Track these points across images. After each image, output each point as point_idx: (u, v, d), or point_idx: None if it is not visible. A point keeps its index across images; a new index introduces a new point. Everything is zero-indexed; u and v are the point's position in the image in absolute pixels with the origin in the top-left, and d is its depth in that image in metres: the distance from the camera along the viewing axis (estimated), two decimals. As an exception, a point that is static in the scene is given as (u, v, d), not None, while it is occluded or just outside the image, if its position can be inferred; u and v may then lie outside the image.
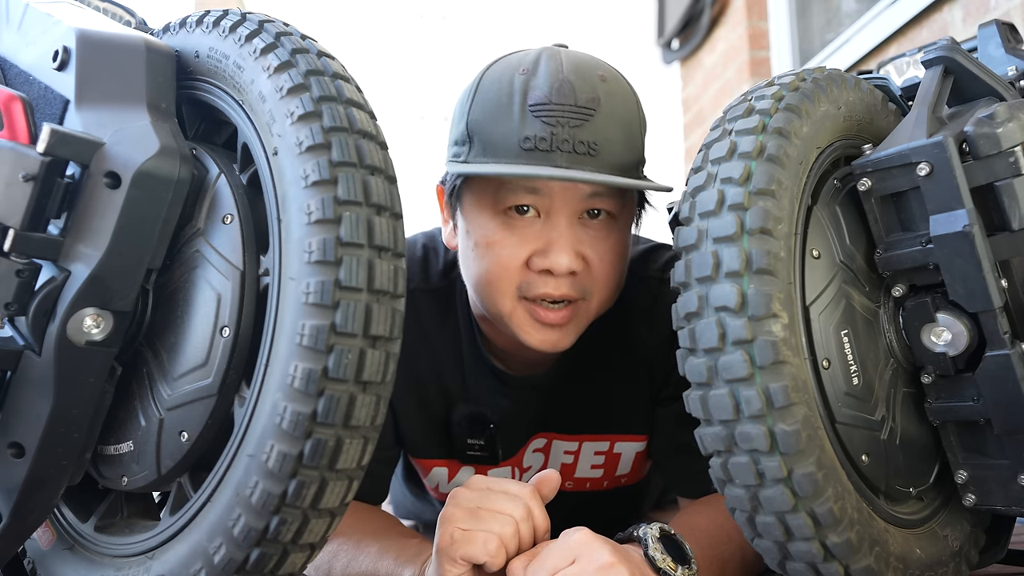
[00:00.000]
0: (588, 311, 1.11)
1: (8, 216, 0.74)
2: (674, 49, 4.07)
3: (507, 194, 1.06)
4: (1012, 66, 1.03)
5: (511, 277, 1.08)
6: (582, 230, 1.07)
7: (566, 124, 1.02)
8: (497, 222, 1.07)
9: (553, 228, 1.06)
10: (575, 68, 1.06)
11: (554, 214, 1.06)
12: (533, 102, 1.03)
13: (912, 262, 0.89)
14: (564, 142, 1.02)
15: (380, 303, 0.72)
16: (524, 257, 1.07)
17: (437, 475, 1.34)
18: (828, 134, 0.91)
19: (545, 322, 1.09)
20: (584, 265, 1.07)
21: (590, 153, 1.03)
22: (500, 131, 1.05)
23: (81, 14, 0.87)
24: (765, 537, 0.81)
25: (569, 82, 1.04)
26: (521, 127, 1.03)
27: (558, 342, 1.10)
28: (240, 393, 0.77)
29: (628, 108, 1.08)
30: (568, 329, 1.10)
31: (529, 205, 1.06)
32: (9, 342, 0.77)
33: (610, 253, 1.09)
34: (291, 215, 0.73)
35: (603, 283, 1.10)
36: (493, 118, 1.06)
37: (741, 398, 0.78)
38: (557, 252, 1.05)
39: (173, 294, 0.81)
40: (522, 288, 1.08)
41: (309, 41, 0.81)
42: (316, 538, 0.74)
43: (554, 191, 1.05)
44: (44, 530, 0.89)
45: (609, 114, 1.05)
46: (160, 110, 0.80)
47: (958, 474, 0.91)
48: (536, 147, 1.02)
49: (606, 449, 1.32)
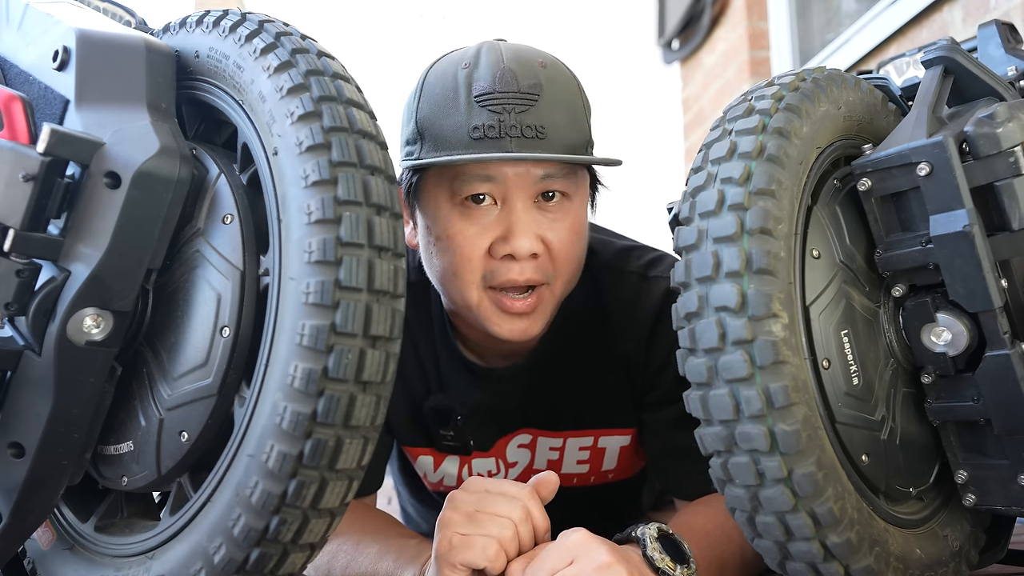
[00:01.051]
0: (553, 295, 1.13)
1: (8, 216, 0.74)
2: (674, 49, 4.07)
3: (462, 185, 1.08)
4: (1012, 66, 1.03)
5: (474, 267, 1.09)
6: (539, 213, 1.09)
7: (512, 111, 1.06)
8: (455, 214, 1.09)
9: (511, 213, 1.08)
10: (515, 57, 1.09)
11: (510, 200, 1.08)
12: (478, 93, 1.06)
13: (912, 262, 0.89)
14: (512, 128, 1.05)
15: (380, 303, 0.72)
16: (485, 246, 1.09)
17: (424, 463, 1.36)
18: (828, 134, 0.91)
19: (512, 311, 1.10)
20: (544, 248, 1.09)
21: (538, 136, 1.06)
22: (449, 124, 1.07)
23: (81, 14, 0.87)
24: (765, 537, 0.81)
25: (511, 70, 1.07)
26: (468, 118, 1.06)
27: (527, 330, 1.12)
28: (240, 393, 0.77)
29: (570, 91, 1.12)
30: (535, 316, 1.12)
31: (485, 194, 1.08)
32: (9, 342, 0.77)
33: (568, 233, 1.11)
34: (291, 215, 0.73)
35: (564, 264, 1.12)
36: (441, 113, 1.08)
37: (741, 398, 0.78)
38: (518, 236, 1.07)
39: (173, 294, 0.81)
40: (487, 277, 1.10)
41: (309, 41, 0.81)
42: (316, 538, 0.74)
43: (508, 177, 1.07)
44: (44, 530, 0.89)
45: (552, 98, 1.08)
46: (160, 110, 0.80)
47: (958, 474, 0.91)
48: (485, 135, 1.05)
49: (590, 444, 1.32)
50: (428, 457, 1.35)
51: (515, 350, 1.25)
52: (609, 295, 1.25)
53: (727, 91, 3.50)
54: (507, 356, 1.27)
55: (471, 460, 1.33)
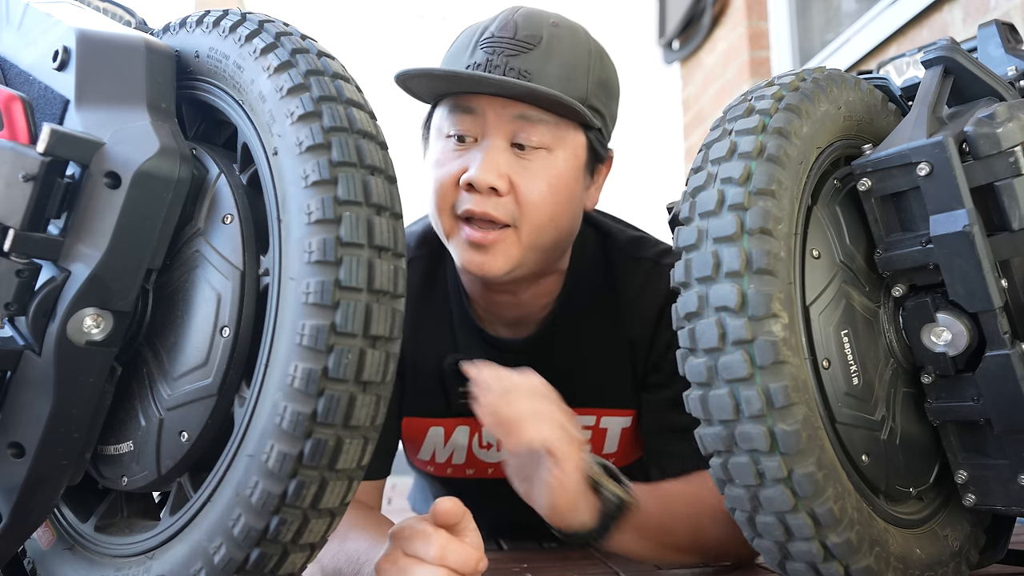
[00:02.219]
0: (519, 241, 1.16)
1: (8, 216, 0.74)
2: (674, 49, 4.07)
3: (449, 118, 1.17)
4: (1012, 66, 1.03)
5: (446, 194, 1.16)
6: (514, 158, 1.15)
7: (502, 52, 1.14)
8: (442, 144, 1.19)
9: (483, 149, 1.14)
10: (527, 14, 1.18)
11: (487, 136, 1.15)
12: (481, 37, 1.17)
13: (912, 262, 0.89)
14: (496, 67, 1.13)
15: (380, 303, 0.72)
16: (456, 174, 1.15)
17: (434, 438, 1.37)
18: (828, 134, 0.91)
19: (471, 240, 1.15)
20: (510, 188, 1.14)
21: (522, 77, 1.13)
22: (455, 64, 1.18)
23: (81, 14, 0.87)
24: (765, 537, 0.81)
25: (514, 22, 1.17)
26: (469, 58, 1.16)
27: (483, 264, 1.15)
28: (240, 393, 0.77)
29: (576, 51, 1.17)
30: (495, 253, 1.15)
31: (466, 134, 1.16)
32: (9, 342, 0.77)
33: (542, 184, 1.15)
34: (291, 215, 0.73)
35: (532, 211, 1.15)
36: (452, 59, 1.20)
37: (741, 398, 0.78)
38: (477, 166, 1.13)
39: (173, 294, 0.81)
40: (455, 206, 1.16)
41: (309, 41, 0.81)
42: (316, 538, 0.74)
43: (486, 112, 1.14)
44: (44, 530, 0.89)
45: (549, 50, 1.15)
46: (160, 110, 0.80)
47: (958, 474, 0.91)
48: (474, 70, 1.14)
49: (592, 424, 1.35)
50: (439, 428, 1.36)
51: (520, 318, 1.29)
52: (621, 279, 1.30)
53: (727, 91, 3.50)
54: (512, 325, 1.30)
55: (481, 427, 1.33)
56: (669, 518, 1.07)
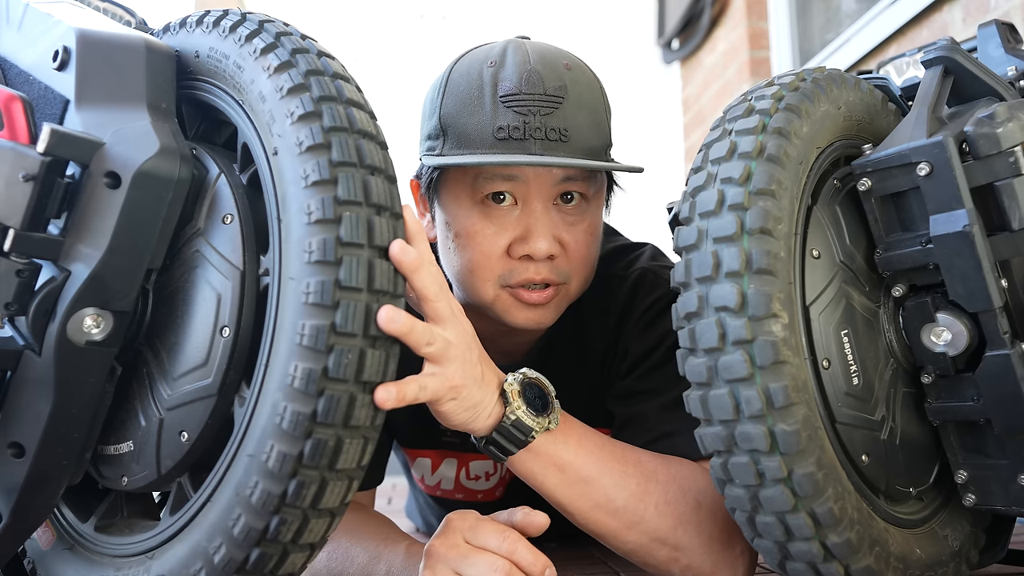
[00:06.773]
0: (568, 293, 1.15)
1: (8, 216, 0.74)
2: (674, 49, 4.07)
3: (484, 183, 1.09)
4: (1012, 66, 1.03)
5: (492, 265, 1.10)
6: (557, 215, 1.11)
7: (537, 112, 1.07)
8: (476, 212, 1.10)
9: (530, 214, 1.09)
10: (541, 58, 1.10)
11: (531, 200, 1.09)
12: (504, 93, 1.08)
13: (912, 262, 0.89)
14: (536, 130, 1.06)
15: (380, 303, 0.72)
16: (505, 245, 1.10)
17: (422, 466, 1.37)
18: (828, 134, 0.91)
19: (529, 302, 1.12)
20: (561, 249, 1.11)
21: (562, 139, 1.07)
22: (473, 123, 1.08)
23: (81, 14, 0.87)
24: (765, 537, 0.81)
25: (537, 72, 1.09)
26: (494, 118, 1.07)
27: (541, 319, 1.13)
28: (240, 393, 0.77)
29: (594, 94, 1.13)
30: (550, 307, 1.13)
31: (506, 193, 1.09)
32: (9, 342, 0.77)
33: (585, 235, 1.13)
34: (291, 215, 0.73)
35: (580, 265, 1.13)
36: (466, 111, 1.09)
37: (741, 398, 0.78)
38: (536, 238, 1.08)
39: (173, 294, 0.81)
40: (504, 277, 1.11)
41: (309, 41, 0.81)
42: (316, 538, 0.74)
43: (529, 178, 1.08)
44: (44, 530, 0.89)
45: (576, 101, 1.09)
46: (160, 110, 0.80)
47: (958, 474, 0.91)
48: (510, 136, 1.06)
49: None
50: (426, 459, 1.35)
51: (515, 348, 1.26)
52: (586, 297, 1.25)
53: (727, 91, 3.50)
54: (507, 354, 1.27)
55: (469, 462, 1.33)
56: (603, 474, 0.99)
